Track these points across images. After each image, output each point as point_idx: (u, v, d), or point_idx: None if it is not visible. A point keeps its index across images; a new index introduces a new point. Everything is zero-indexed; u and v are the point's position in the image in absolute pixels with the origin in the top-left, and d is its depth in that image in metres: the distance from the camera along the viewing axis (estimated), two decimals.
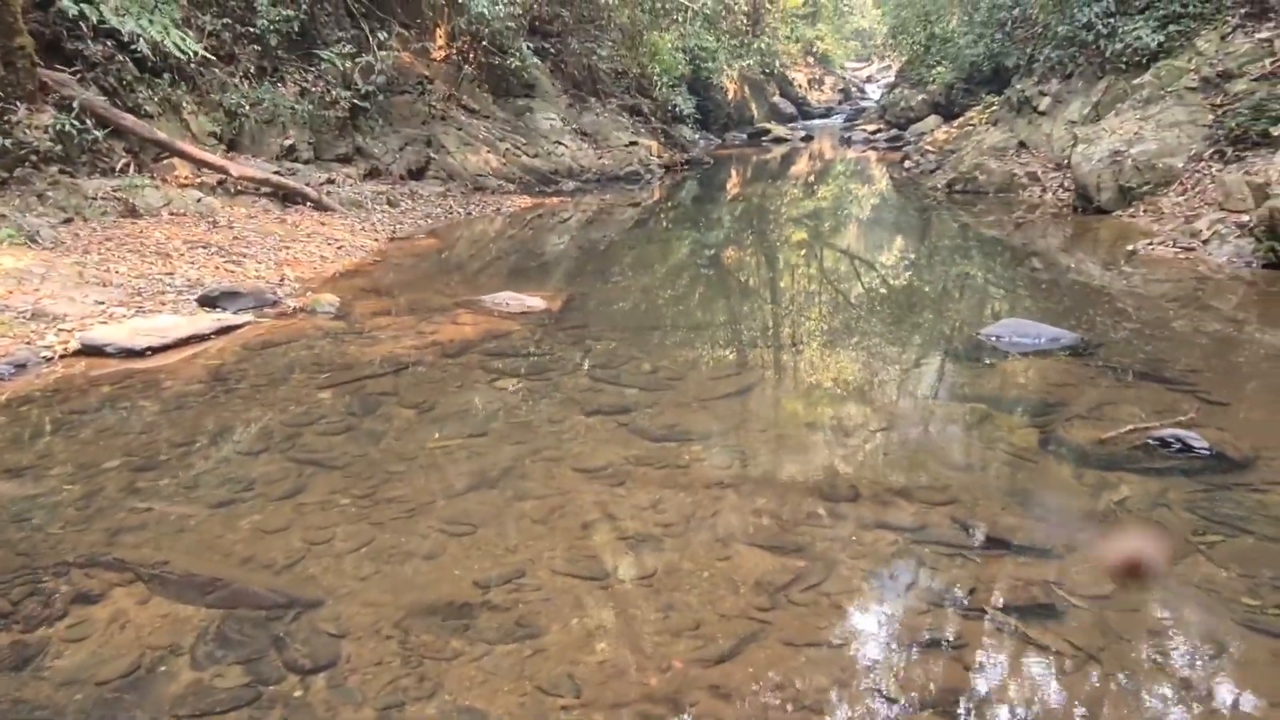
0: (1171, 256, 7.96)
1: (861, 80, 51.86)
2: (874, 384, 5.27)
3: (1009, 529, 3.39)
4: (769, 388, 5.24)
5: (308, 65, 14.63)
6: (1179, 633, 2.80)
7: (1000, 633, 2.79)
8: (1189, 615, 2.88)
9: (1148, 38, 12.29)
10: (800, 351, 6.11)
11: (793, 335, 6.51)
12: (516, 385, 5.49)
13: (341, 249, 10.56)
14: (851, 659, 2.69)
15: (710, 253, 11.10)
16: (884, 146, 25.97)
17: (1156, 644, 2.72)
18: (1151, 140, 10.73)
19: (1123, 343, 5.77)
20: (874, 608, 2.98)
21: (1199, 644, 2.71)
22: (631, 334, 6.65)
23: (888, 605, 2.98)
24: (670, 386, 5.33)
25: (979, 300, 7.43)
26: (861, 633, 2.85)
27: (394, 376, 5.80)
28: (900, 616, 2.91)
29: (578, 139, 19.89)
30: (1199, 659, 2.64)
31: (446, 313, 7.39)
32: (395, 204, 14.08)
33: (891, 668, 2.64)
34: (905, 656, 2.70)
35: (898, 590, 3.00)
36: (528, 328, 6.83)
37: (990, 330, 5.86)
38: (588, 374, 5.62)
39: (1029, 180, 12.98)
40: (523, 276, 9.33)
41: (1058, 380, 5.04)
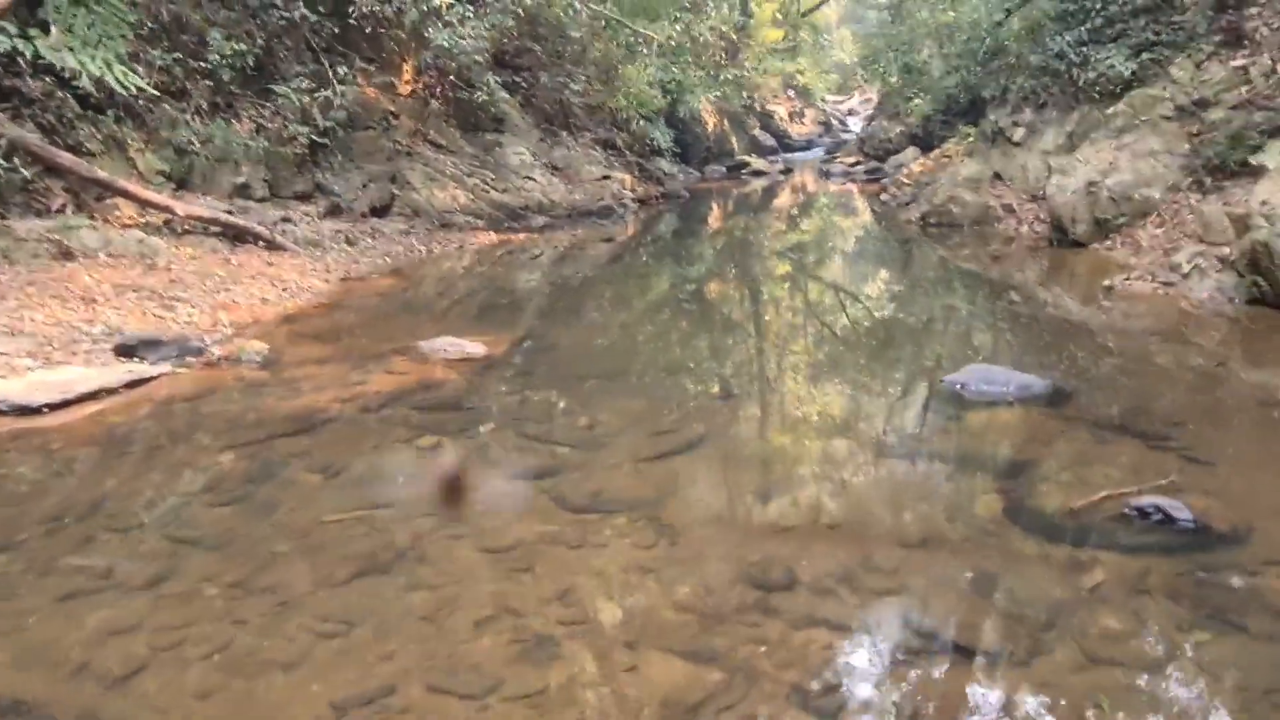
0: (1150, 292, 7.57)
1: (843, 113, 51.99)
2: (826, 443, 4.80)
3: (966, 629, 2.91)
4: (712, 446, 4.76)
5: (264, 101, 14.22)
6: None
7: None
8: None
9: (1120, 66, 12.03)
10: (751, 403, 5.64)
11: (746, 384, 6.05)
12: (437, 444, 5.00)
13: (287, 291, 10.08)
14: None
15: (672, 293, 10.68)
16: (862, 179, 25.75)
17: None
18: (1127, 170, 10.40)
19: (1098, 390, 5.34)
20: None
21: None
22: (575, 383, 6.18)
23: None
24: (605, 444, 4.85)
25: (948, 342, 6.99)
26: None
27: (308, 435, 5.30)
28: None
29: (548, 173, 19.54)
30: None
31: (381, 360, 6.90)
32: (354, 242, 13.62)
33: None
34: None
35: (829, 713, 2.51)
36: (465, 377, 6.35)
37: (956, 377, 5.39)
38: (517, 430, 5.13)
39: (1004, 212, 12.66)
40: (472, 319, 8.87)
41: (1026, 435, 4.58)
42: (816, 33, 46.42)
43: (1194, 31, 12.06)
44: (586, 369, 6.59)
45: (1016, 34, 15.37)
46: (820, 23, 47.18)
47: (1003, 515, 3.67)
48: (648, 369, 6.63)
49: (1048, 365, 5.93)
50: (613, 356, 7.09)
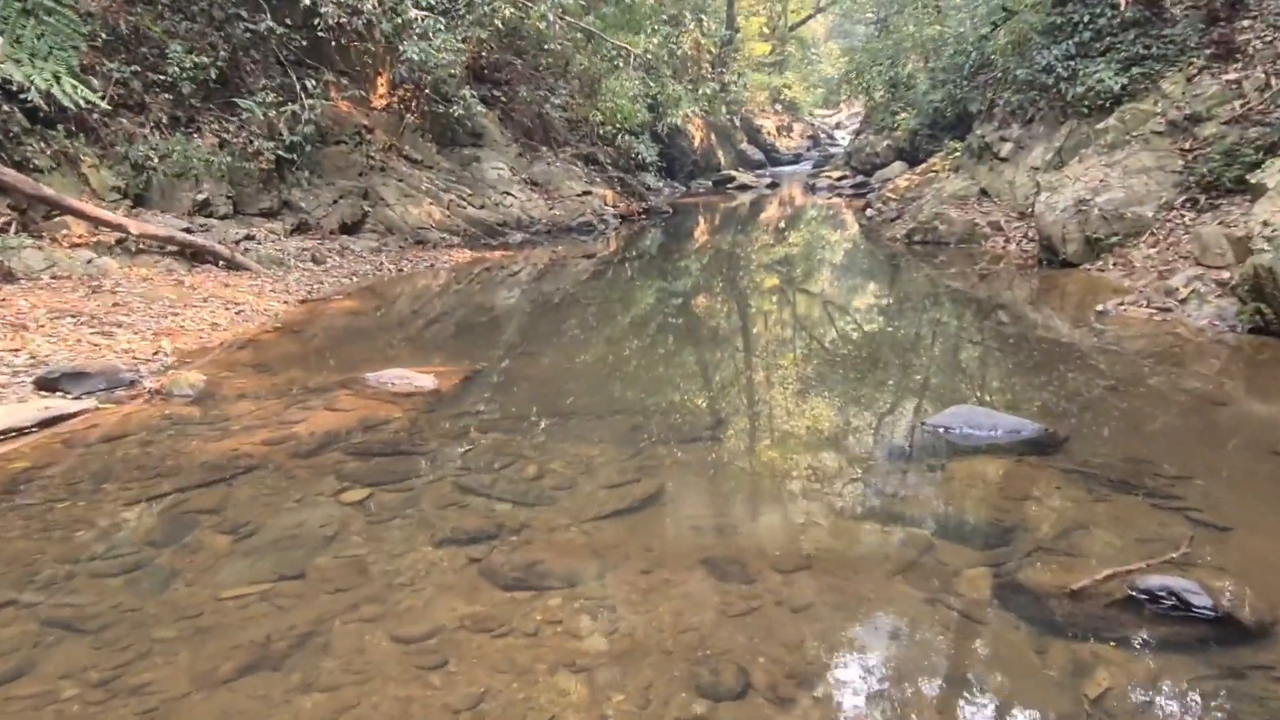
0: (1146, 318, 7.13)
1: (831, 127, 51.88)
2: (793, 502, 4.31)
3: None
4: (668, 503, 4.28)
5: (228, 115, 13.74)
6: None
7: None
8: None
9: (1110, 80, 11.67)
10: (715, 450, 5.15)
11: (711, 427, 5.56)
12: (367, 498, 4.50)
13: (240, 314, 9.57)
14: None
15: (647, 316, 10.21)
16: (848, 193, 25.42)
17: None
18: (1119, 188, 10.01)
19: (1094, 434, 4.87)
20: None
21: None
22: (529, 422, 5.69)
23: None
24: (551, 500, 4.36)
25: (932, 374, 6.50)
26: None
27: (227, 484, 4.80)
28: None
29: (527, 189, 19.11)
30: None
31: (324, 394, 6.41)
32: (321, 261, 13.14)
33: None
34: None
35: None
36: (409, 415, 5.86)
37: (939, 420, 4.91)
38: (456, 481, 4.64)
39: (991, 230, 12.25)
40: (432, 346, 8.38)
41: (1016, 490, 4.12)
42: (804, 47, 46.35)
43: (1184, 45, 11.72)
44: (544, 405, 6.10)
45: (1003, 48, 15.02)
46: (808, 37, 47.13)
47: (991, 597, 3.20)
48: (610, 405, 6.14)
49: (1038, 402, 5.47)
50: (574, 390, 6.60)
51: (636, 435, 5.39)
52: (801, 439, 5.28)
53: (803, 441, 5.22)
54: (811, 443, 5.21)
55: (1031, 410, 5.20)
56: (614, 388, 6.68)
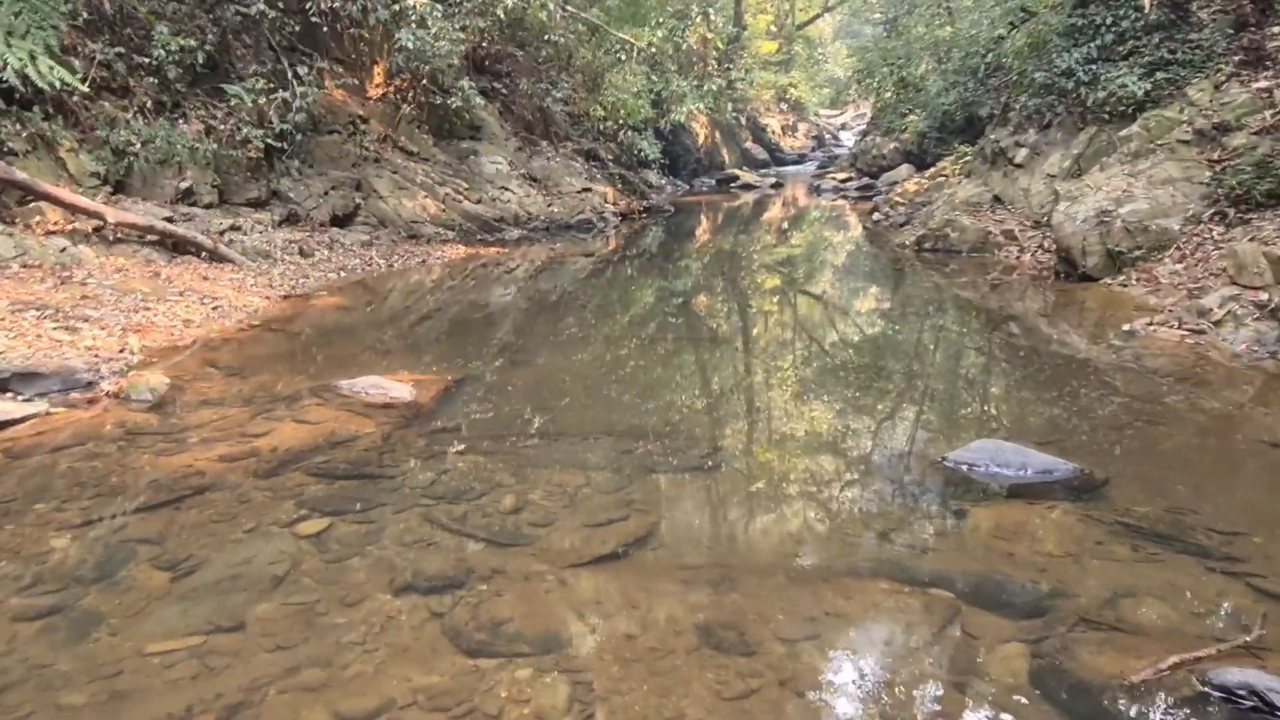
0: (1177, 340, 6.67)
1: (836, 127, 51.44)
2: (801, 552, 3.84)
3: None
4: (659, 548, 3.81)
5: (216, 101, 13.25)
6: None
7: None
8: None
9: (1133, 85, 11.19)
10: (714, 483, 4.68)
11: (709, 455, 5.08)
12: (324, 531, 4.04)
13: (218, 310, 9.11)
14: None
15: (643, 322, 9.75)
16: (854, 195, 24.96)
17: None
18: (1143, 199, 9.54)
19: (1135, 476, 4.39)
20: None
21: None
22: (510, 442, 5.22)
23: None
24: (529, 539, 3.90)
25: (948, 400, 6.00)
26: None
27: (174, 509, 4.34)
28: None
29: (526, 184, 18.62)
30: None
31: (293, 403, 5.95)
32: (309, 254, 12.67)
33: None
34: None
35: None
36: (382, 429, 5.39)
37: (961, 455, 4.44)
38: (426, 513, 4.18)
39: (1005, 239, 11.78)
40: (415, 349, 7.91)
41: (1053, 545, 3.65)
42: (811, 46, 45.88)
43: (1211, 51, 11.25)
44: (529, 422, 5.64)
45: (1019, 50, 14.53)
46: (815, 36, 46.64)
47: (1030, 683, 2.73)
48: (600, 424, 5.67)
49: (1067, 435, 5.00)
50: (563, 405, 6.13)
51: (627, 461, 4.92)
52: (808, 474, 4.81)
53: (810, 477, 4.75)
54: (819, 479, 4.74)
55: (1061, 444, 4.72)
56: (606, 404, 6.21)
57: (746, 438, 5.46)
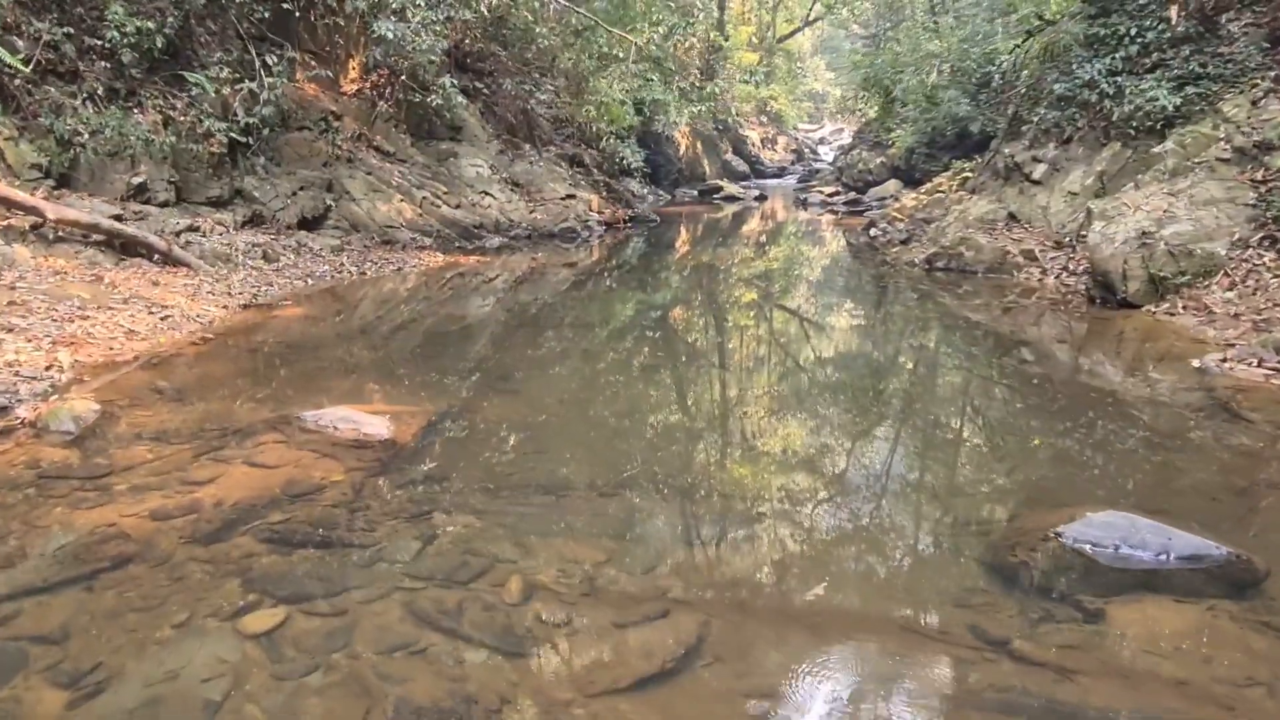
0: (1262, 381, 5.90)
1: (814, 142, 51.15)
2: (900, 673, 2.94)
3: None
4: (714, 663, 2.89)
5: (175, 90, 12.20)
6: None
7: None
8: None
9: (1165, 100, 10.52)
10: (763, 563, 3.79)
11: (755, 523, 4.19)
12: (279, 627, 3.09)
13: (167, 320, 8.09)
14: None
15: (644, 346, 8.87)
16: (843, 210, 24.30)
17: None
18: (1185, 220, 8.83)
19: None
20: None
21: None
22: (508, 497, 4.30)
23: None
24: (544, 644, 2.98)
25: (1031, 459, 5.04)
26: None
27: (85, 590, 3.39)
28: None
29: (508, 189, 17.69)
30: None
31: (247, 439, 4.98)
32: (273, 259, 11.65)
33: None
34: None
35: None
36: (353, 476, 4.45)
37: (1080, 532, 3.53)
38: (410, 602, 3.25)
39: (1025, 259, 11.05)
40: (389, 373, 6.96)
41: (1233, 668, 2.77)
42: (791, 60, 45.48)
43: (1245, 65, 10.62)
44: (528, 470, 4.71)
45: (1031, 60, 13.87)
46: (795, 50, 46.23)
47: None
48: (614, 475, 4.76)
49: (1185, 504, 4.16)
50: (565, 448, 5.21)
51: (654, 527, 4.02)
52: (883, 550, 3.92)
53: (886, 555, 3.86)
54: (905, 555, 3.86)
55: (1189, 517, 3.88)
56: (618, 447, 5.30)
57: (791, 497, 4.57)
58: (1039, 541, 3.51)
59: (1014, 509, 4.09)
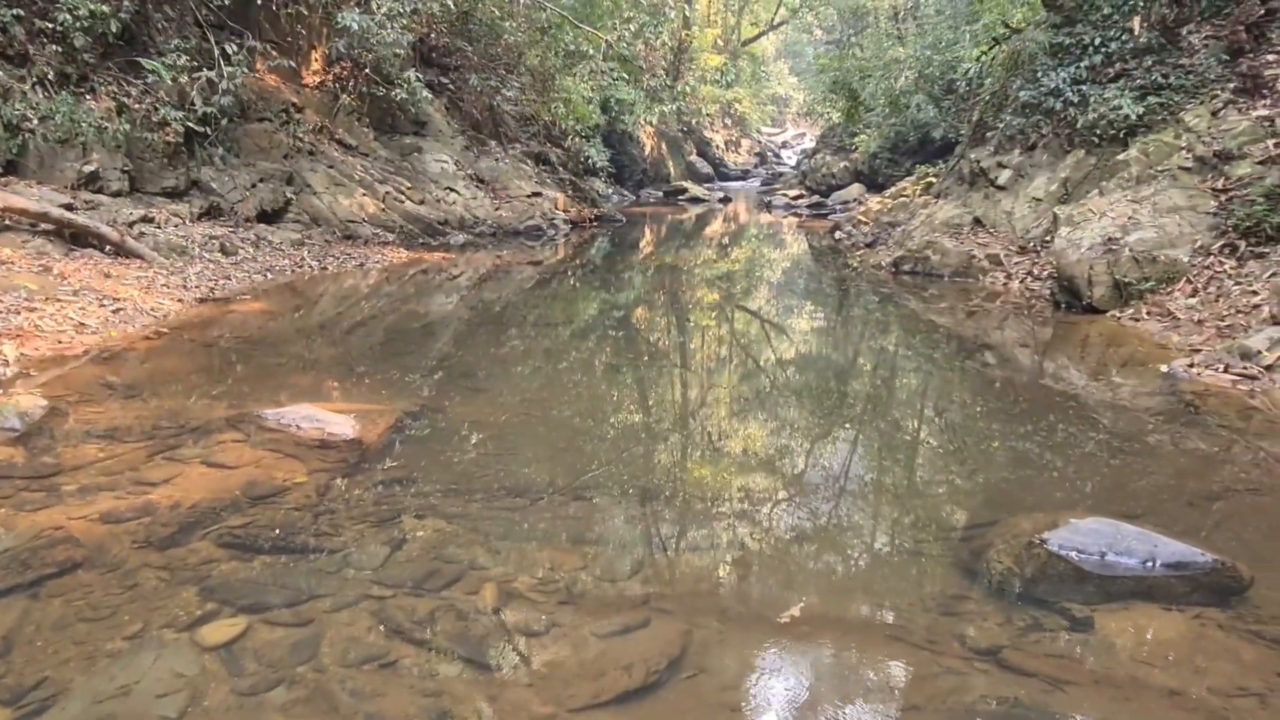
0: (1228, 387, 5.95)
1: (777, 145, 51.45)
2: (889, 682, 2.88)
3: None
4: (700, 675, 2.77)
5: (130, 76, 11.83)
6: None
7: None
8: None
9: (1129, 108, 10.66)
10: (747, 568, 3.71)
11: (735, 525, 4.10)
12: (240, 638, 2.93)
13: (119, 313, 7.81)
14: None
15: (613, 345, 8.77)
16: (806, 213, 24.42)
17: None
18: (1150, 227, 8.94)
19: (1277, 569, 3.55)
20: None
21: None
22: (481, 500, 4.16)
23: None
24: (518, 657, 2.86)
25: (1011, 464, 5.01)
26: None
27: (29, 597, 3.20)
28: None
29: (473, 186, 17.47)
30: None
31: (205, 438, 4.78)
32: (231, 252, 11.34)
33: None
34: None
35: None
36: (318, 478, 4.28)
37: (1066, 538, 3.48)
38: (379, 610, 3.10)
39: (990, 264, 11.13)
40: (353, 370, 6.76)
41: (1223, 677, 2.74)
42: (756, 63, 45.71)
43: (1205, 76, 10.80)
44: (500, 471, 4.57)
45: (995, 68, 14.00)
46: (759, 53, 46.47)
47: None
48: (588, 475, 4.65)
49: (1165, 510, 4.15)
50: (537, 447, 5.08)
51: (631, 530, 3.92)
52: (872, 554, 3.85)
53: (876, 560, 3.80)
54: (889, 562, 3.79)
55: (1168, 523, 3.86)
56: (592, 446, 5.18)
57: (769, 503, 4.49)
58: (1024, 549, 3.46)
59: (998, 515, 4.05)
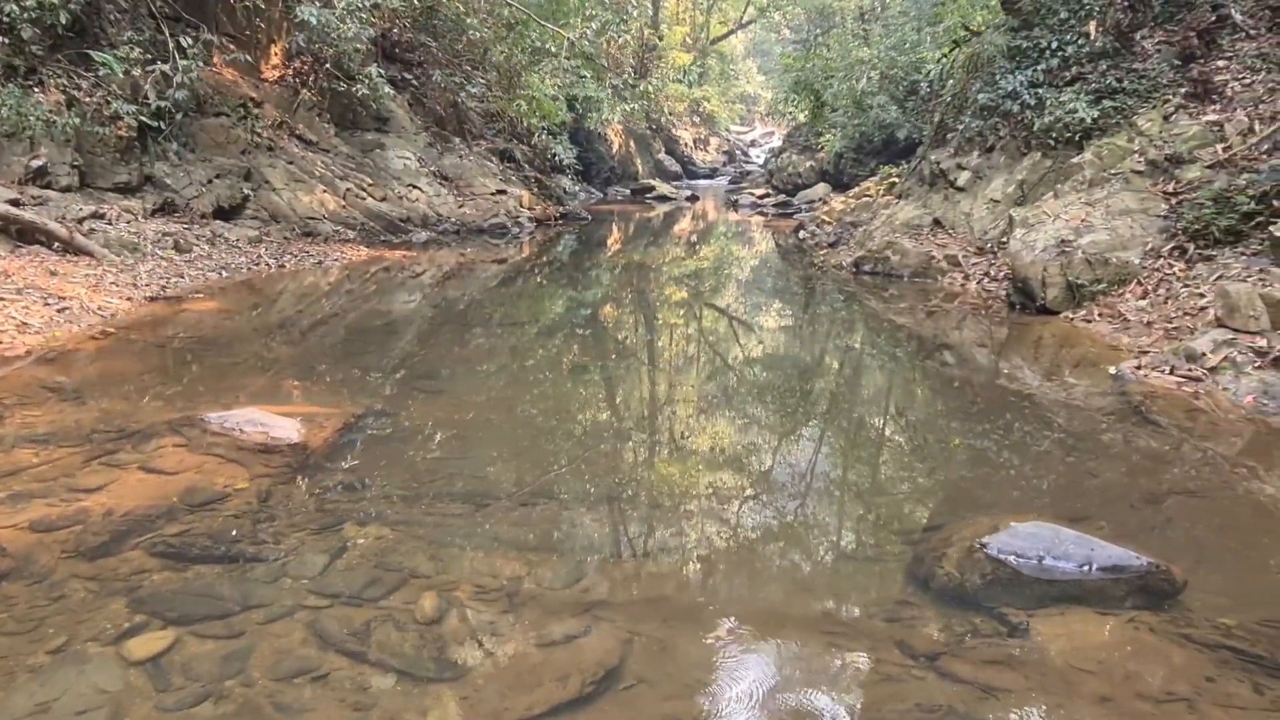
0: (1174, 388, 6.05)
1: (745, 144, 51.56)
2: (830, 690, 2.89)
3: None
4: (638, 686, 2.75)
5: (81, 69, 11.58)
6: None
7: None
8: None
9: (1084, 112, 10.81)
10: (695, 576, 3.70)
11: (685, 531, 4.10)
12: (167, 651, 2.86)
13: (64, 312, 7.64)
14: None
15: (574, 343, 8.73)
16: (772, 212, 24.49)
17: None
18: (1102, 229, 9.07)
19: (1210, 572, 3.55)
20: None
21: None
22: (426, 506, 4.12)
23: None
24: (459, 669, 2.83)
25: (956, 466, 5.06)
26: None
27: None
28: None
29: (436, 183, 17.33)
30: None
31: (145, 442, 4.68)
32: (185, 249, 11.14)
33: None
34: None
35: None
36: (259, 484, 4.21)
37: (1005, 542, 3.51)
38: (314, 621, 3.05)
39: (949, 265, 11.23)
40: (304, 372, 6.67)
41: (1155, 682, 2.77)
42: (724, 62, 45.83)
43: (1158, 81, 10.98)
44: (448, 477, 4.53)
45: (956, 70, 14.14)
46: (728, 52, 46.60)
47: None
48: (538, 480, 4.62)
49: (1105, 513, 4.20)
50: (488, 453, 5.03)
51: (578, 537, 3.89)
52: (817, 559, 3.86)
53: (820, 565, 3.80)
54: (833, 568, 3.80)
55: (1109, 525, 3.91)
56: (543, 451, 5.15)
57: (716, 506, 4.48)
58: (965, 553, 3.48)
59: (942, 518, 4.08)
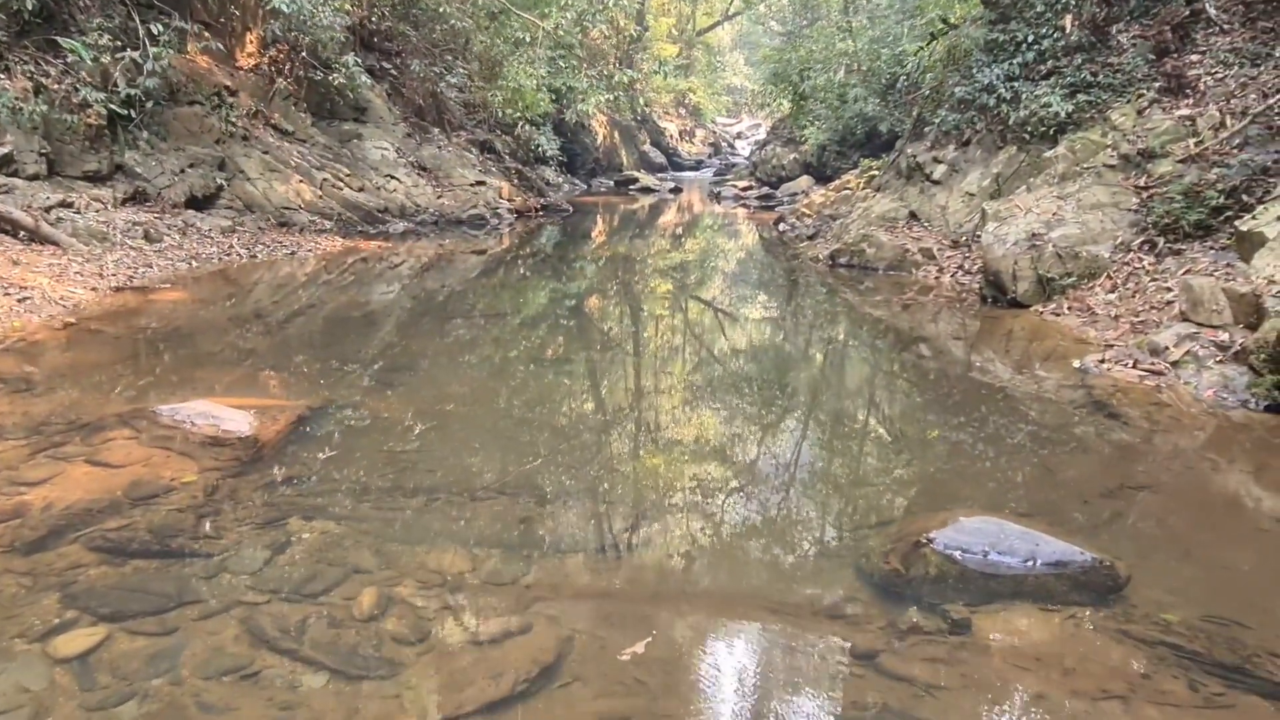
0: (1136, 382, 6.06)
1: (732, 136, 51.48)
2: (757, 677, 2.88)
3: None
4: (574, 684, 2.73)
5: (49, 56, 11.43)
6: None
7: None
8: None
9: (1058, 106, 10.82)
10: (642, 572, 3.68)
11: (636, 529, 4.08)
12: (96, 648, 2.82)
13: (24, 303, 7.54)
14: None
15: (539, 342, 8.68)
16: (755, 205, 24.47)
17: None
18: (1073, 223, 9.08)
19: (1154, 568, 3.56)
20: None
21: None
22: (374, 502, 4.08)
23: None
24: (392, 667, 2.79)
25: (909, 459, 5.06)
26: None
27: None
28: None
29: (414, 174, 17.21)
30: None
31: (94, 435, 4.62)
32: (156, 239, 11.02)
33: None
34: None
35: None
36: (207, 477, 4.16)
37: (950, 538, 3.50)
38: (248, 618, 3.01)
39: (924, 258, 11.24)
40: (267, 364, 6.60)
41: (1091, 679, 2.77)
42: (711, 53, 45.71)
43: (1132, 75, 11.00)
44: (399, 472, 4.48)
45: (934, 63, 14.13)
46: (714, 43, 46.47)
47: None
48: (490, 476, 4.58)
49: (1055, 507, 4.20)
50: (442, 448, 4.99)
51: (526, 534, 3.86)
52: (767, 555, 3.85)
53: (770, 562, 3.79)
54: (782, 565, 3.79)
55: (1060, 519, 3.91)
56: (499, 447, 5.10)
57: (669, 501, 4.46)
58: (912, 548, 3.47)
59: (893, 511, 4.07)
